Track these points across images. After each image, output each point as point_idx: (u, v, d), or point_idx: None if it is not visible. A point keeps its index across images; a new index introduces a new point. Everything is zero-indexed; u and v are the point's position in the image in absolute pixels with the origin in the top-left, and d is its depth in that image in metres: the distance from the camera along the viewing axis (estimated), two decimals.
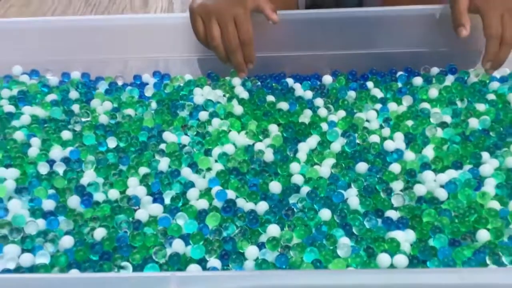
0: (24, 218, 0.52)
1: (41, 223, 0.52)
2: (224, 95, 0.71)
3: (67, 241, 0.50)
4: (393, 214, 0.55)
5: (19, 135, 0.63)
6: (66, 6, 1.19)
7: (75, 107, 0.68)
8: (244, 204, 0.54)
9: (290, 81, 0.74)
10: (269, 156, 0.59)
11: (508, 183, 0.58)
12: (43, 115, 0.67)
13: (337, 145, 0.62)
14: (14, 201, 0.54)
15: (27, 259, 0.49)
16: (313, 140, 0.62)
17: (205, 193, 0.55)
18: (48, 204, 0.54)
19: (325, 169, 0.58)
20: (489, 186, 0.58)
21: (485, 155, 0.62)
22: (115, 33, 0.75)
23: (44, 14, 1.18)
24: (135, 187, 0.56)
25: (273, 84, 0.73)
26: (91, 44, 0.74)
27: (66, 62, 0.75)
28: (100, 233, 0.51)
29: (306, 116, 0.66)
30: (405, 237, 0.53)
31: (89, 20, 0.82)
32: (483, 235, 0.53)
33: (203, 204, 0.54)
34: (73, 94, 0.71)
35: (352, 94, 0.71)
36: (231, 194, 0.55)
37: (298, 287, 0.39)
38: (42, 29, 0.75)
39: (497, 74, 0.75)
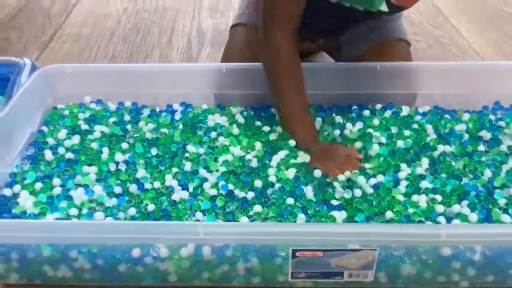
0: (104, 197, 0.84)
1: (114, 201, 0.83)
2: (228, 120, 1.02)
3: (131, 211, 0.81)
4: (334, 202, 0.86)
5: (94, 145, 0.93)
6: (107, 44, 1.49)
7: (129, 127, 0.99)
8: (239, 193, 0.84)
9: (273, 110, 1.03)
10: (254, 163, 0.90)
11: (414, 184, 0.89)
12: (108, 132, 0.97)
13: (301, 157, 0.93)
14: (96, 187, 0.85)
15: (109, 221, 0.80)
16: (283, 153, 0.92)
17: (215, 185, 0.85)
18: (117, 189, 0.85)
19: (290, 173, 0.89)
20: (402, 186, 0.88)
21: (403, 165, 0.92)
22: (156, 74, 1.05)
23: (91, 48, 1.48)
24: (170, 180, 0.86)
25: (262, 113, 1.04)
26: (139, 82, 1.04)
27: (121, 95, 1.04)
28: (151, 207, 0.82)
29: (281, 136, 0.96)
30: (340, 215, 0.84)
31: (137, 67, 1.14)
32: (389, 214, 0.83)
33: (213, 191, 0.84)
34: (127, 117, 1.01)
35: (319, 120, 1.02)
36: (231, 186, 0.85)
37: (267, 233, 0.70)
38: (105, 71, 1.07)
39: (420, 110, 1.06)
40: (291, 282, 0.75)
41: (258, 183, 0.86)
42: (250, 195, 0.84)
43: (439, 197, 0.84)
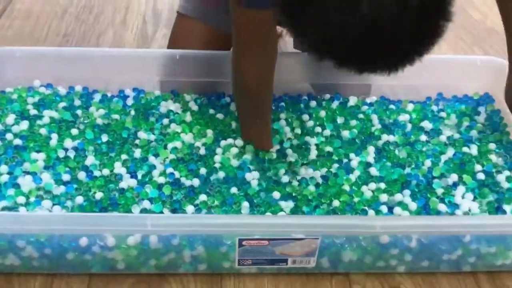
0: (51, 185, 0.84)
1: (62, 188, 0.83)
2: (181, 108, 1.02)
3: (79, 200, 0.81)
4: (283, 192, 0.88)
5: (43, 131, 0.92)
6: (59, 22, 1.46)
7: (79, 112, 0.99)
8: (186, 181, 0.86)
9: (227, 99, 1.04)
10: (202, 151, 0.92)
11: (365, 172, 0.91)
12: (57, 117, 0.96)
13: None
14: (44, 174, 0.85)
15: (56, 210, 0.80)
16: (231, 140, 0.94)
17: (163, 173, 0.87)
18: (66, 177, 0.85)
19: (235, 161, 0.90)
20: (352, 175, 0.91)
21: (352, 155, 0.96)
22: (107, 59, 1.03)
23: (43, 26, 1.44)
24: (119, 167, 0.87)
25: (215, 102, 1.05)
26: (90, 67, 1.02)
27: (72, 79, 1.02)
28: (99, 194, 0.83)
29: (232, 124, 0.98)
30: (286, 205, 0.87)
31: (88, 51, 1.12)
32: (335, 203, 0.87)
33: (161, 179, 0.85)
34: (77, 102, 1.00)
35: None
36: (177, 174, 0.86)
37: (213, 224, 0.73)
38: (55, 55, 1.04)
39: (367, 100, 1.09)
40: (237, 268, 0.78)
41: (203, 171, 0.87)
42: (196, 182, 0.86)
43: (383, 185, 0.88)
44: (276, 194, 0.85)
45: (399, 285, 0.80)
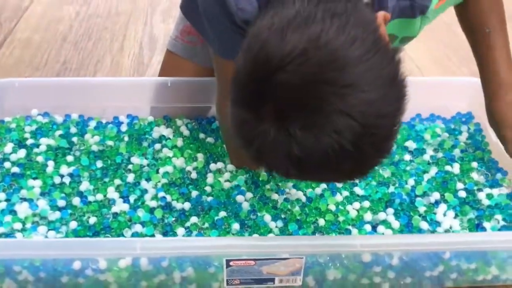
0: (47, 211, 0.87)
1: (57, 214, 0.87)
2: (173, 132, 1.05)
3: (73, 224, 0.85)
4: (272, 213, 0.91)
5: (39, 158, 0.96)
6: (59, 49, 1.51)
7: (75, 139, 1.02)
8: (177, 204, 0.90)
9: (217, 123, 1.08)
10: (194, 174, 0.95)
11: (351, 191, 0.94)
12: (54, 144, 0.99)
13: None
14: (41, 200, 0.88)
15: (51, 235, 0.83)
16: (221, 164, 0.97)
17: (155, 197, 0.90)
18: (61, 203, 0.88)
19: (227, 184, 0.94)
20: (338, 195, 0.93)
21: None
22: (102, 87, 1.08)
23: (42, 54, 1.49)
24: (112, 192, 0.90)
25: (206, 126, 1.09)
26: (86, 95, 1.07)
27: (68, 107, 1.06)
28: (93, 219, 0.86)
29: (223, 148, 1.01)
30: (275, 224, 0.90)
31: (83, 80, 1.17)
32: (321, 223, 0.90)
33: (153, 203, 0.89)
34: (73, 130, 1.03)
35: None
36: (169, 198, 0.90)
37: (201, 246, 0.76)
38: (52, 85, 1.09)
39: None
40: None
41: (194, 194, 0.91)
42: (187, 205, 0.89)
43: (367, 204, 0.91)
44: (267, 216, 0.88)
45: None
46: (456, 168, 0.98)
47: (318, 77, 0.54)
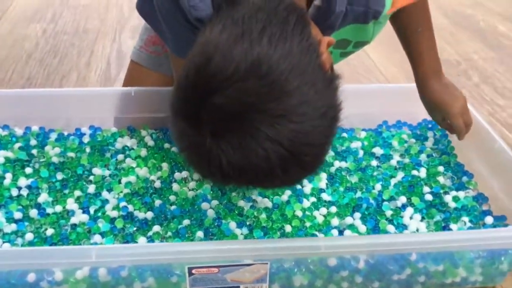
0: (2, 223, 0.84)
1: (13, 226, 0.83)
2: (137, 143, 1.03)
3: (29, 236, 0.82)
4: (237, 220, 0.89)
5: None
6: (23, 66, 1.49)
7: (35, 151, 1.00)
8: (139, 214, 0.87)
9: None
10: (158, 184, 0.93)
11: (318, 197, 0.93)
12: (13, 157, 0.97)
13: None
14: None
15: (6, 247, 0.80)
16: (186, 173, 0.96)
17: (116, 207, 0.88)
18: (17, 215, 0.85)
19: (191, 193, 0.92)
20: (305, 201, 0.92)
21: (305, 181, 0.97)
22: (64, 98, 1.05)
23: (7, 71, 1.46)
24: (71, 204, 0.88)
25: (171, 135, 1.07)
26: (48, 107, 1.04)
27: (28, 119, 1.04)
28: (50, 231, 0.83)
29: None
30: (240, 231, 0.87)
31: (44, 91, 1.14)
32: (288, 228, 0.88)
33: (114, 213, 0.86)
34: (33, 142, 1.01)
35: None
36: (131, 208, 0.87)
37: (159, 253, 0.73)
38: (13, 96, 1.06)
39: None
40: None
41: (158, 203, 0.89)
42: (150, 215, 0.86)
43: (334, 209, 0.90)
44: (232, 223, 0.86)
45: None
46: (422, 173, 0.98)
47: (255, 107, 0.56)
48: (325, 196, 0.93)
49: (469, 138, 0.99)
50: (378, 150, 1.03)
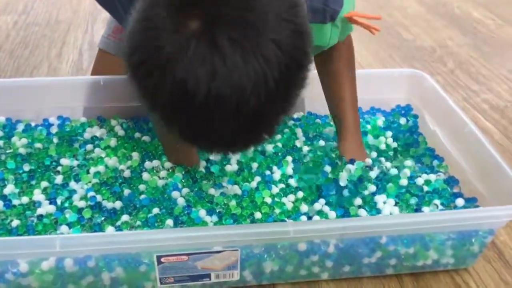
0: None
1: None
2: (106, 133, 1.02)
3: None
4: (207, 207, 0.88)
5: None
6: None
7: (1, 142, 0.97)
8: (108, 204, 0.86)
9: None
10: (127, 173, 0.92)
11: (287, 185, 0.93)
12: None
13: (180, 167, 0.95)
14: None
15: None
16: (157, 162, 0.94)
17: (84, 197, 0.86)
18: None
19: (162, 182, 0.91)
20: (274, 188, 0.93)
21: (274, 168, 0.97)
22: (31, 89, 1.03)
23: None
24: (38, 195, 0.86)
25: (142, 124, 1.06)
26: (14, 98, 1.02)
27: None
28: (15, 222, 0.81)
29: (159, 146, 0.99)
30: (210, 219, 0.86)
31: (11, 82, 1.12)
32: (258, 215, 0.86)
33: (82, 204, 0.85)
34: None
35: None
36: (99, 198, 0.86)
37: (126, 241, 0.72)
38: None
39: (295, 115, 1.11)
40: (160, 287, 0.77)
41: (127, 192, 0.87)
42: (118, 204, 0.85)
43: (301, 194, 0.89)
44: (202, 211, 0.85)
45: None
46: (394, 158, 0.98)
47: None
48: (293, 182, 0.92)
49: (441, 123, 0.99)
50: None
